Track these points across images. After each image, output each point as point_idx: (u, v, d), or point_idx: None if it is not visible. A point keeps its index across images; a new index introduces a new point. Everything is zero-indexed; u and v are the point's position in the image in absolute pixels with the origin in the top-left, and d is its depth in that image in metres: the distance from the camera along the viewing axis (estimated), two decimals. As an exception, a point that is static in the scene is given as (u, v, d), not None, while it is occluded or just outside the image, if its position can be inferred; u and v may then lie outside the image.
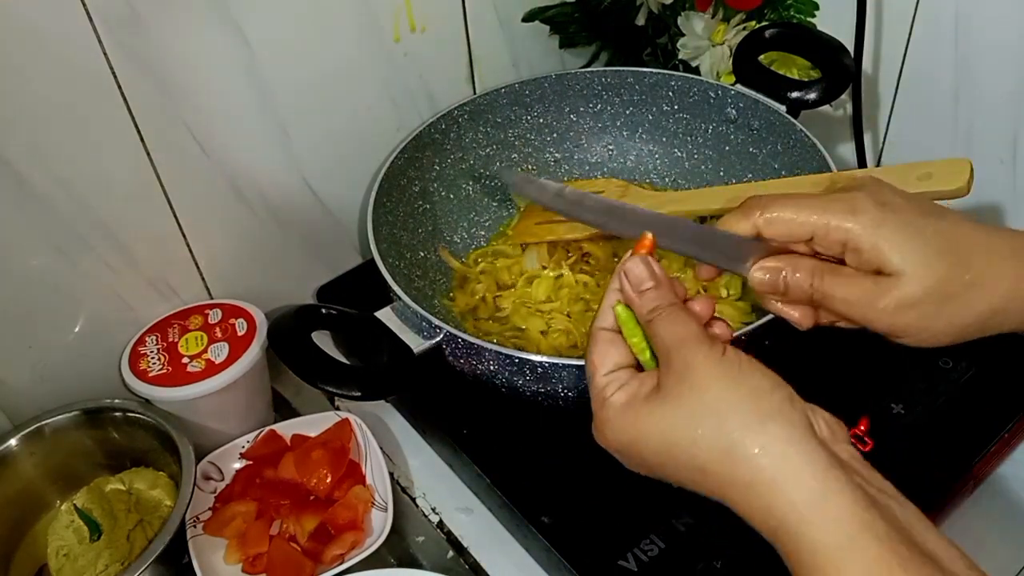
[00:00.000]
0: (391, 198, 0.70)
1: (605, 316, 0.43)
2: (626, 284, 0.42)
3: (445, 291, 0.74)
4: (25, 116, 0.55)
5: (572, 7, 0.84)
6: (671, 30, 0.82)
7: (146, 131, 0.61)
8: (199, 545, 0.58)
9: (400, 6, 0.71)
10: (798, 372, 0.41)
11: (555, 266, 0.72)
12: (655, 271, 0.42)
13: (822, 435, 0.38)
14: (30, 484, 0.62)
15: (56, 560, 0.58)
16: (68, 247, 0.61)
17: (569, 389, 0.56)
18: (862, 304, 0.44)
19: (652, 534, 0.55)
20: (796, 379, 0.39)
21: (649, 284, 0.42)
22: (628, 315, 0.42)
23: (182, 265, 0.68)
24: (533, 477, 0.59)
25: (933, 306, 0.42)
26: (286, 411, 0.73)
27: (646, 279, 0.42)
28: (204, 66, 0.62)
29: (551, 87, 0.79)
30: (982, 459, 0.59)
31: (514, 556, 0.60)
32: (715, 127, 0.77)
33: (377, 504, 0.61)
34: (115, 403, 0.62)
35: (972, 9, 0.66)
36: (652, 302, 0.41)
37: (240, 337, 0.65)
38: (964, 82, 0.70)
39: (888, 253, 0.42)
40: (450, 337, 0.56)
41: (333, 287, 0.76)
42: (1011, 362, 0.64)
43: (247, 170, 0.68)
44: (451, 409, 0.65)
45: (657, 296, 0.41)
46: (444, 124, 0.76)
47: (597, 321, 0.44)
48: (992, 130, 0.69)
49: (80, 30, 0.55)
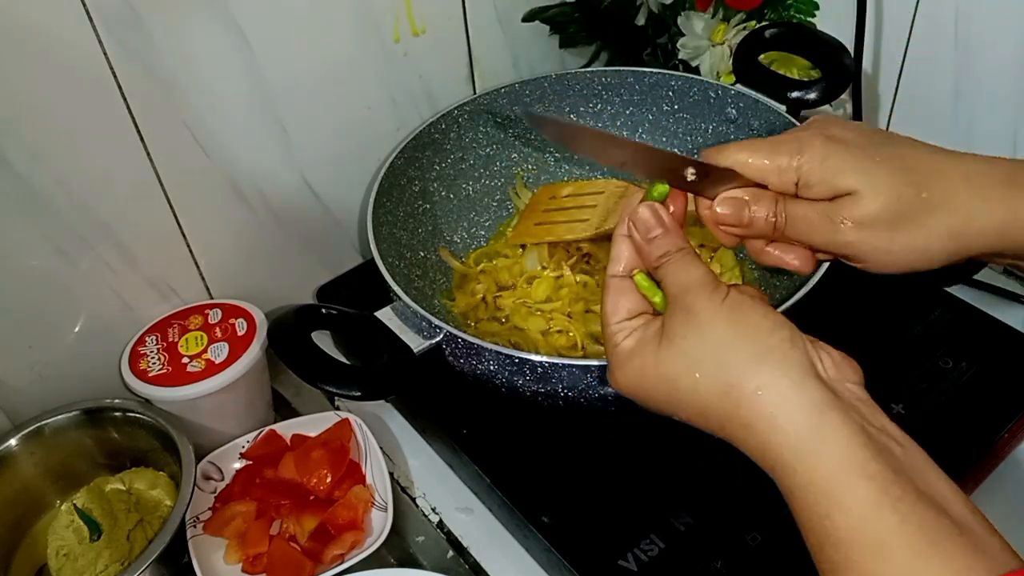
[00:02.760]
0: (391, 198, 0.70)
1: (616, 263, 0.44)
2: (634, 231, 0.44)
3: (445, 291, 0.74)
4: (25, 116, 0.55)
5: (572, 7, 0.84)
6: (671, 30, 0.82)
7: (146, 131, 0.61)
8: (199, 545, 0.58)
9: (400, 6, 0.71)
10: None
11: (555, 266, 0.72)
12: (663, 218, 0.43)
13: (826, 374, 0.38)
14: (30, 484, 0.62)
15: (56, 560, 0.58)
16: (68, 247, 0.61)
17: (569, 389, 0.56)
18: (823, 222, 0.44)
19: (652, 534, 0.55)
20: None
21: (657, 231, 0.43)
22: (641, 277, 0.44)
23: (182, 265, 0.68)
24: (533, 477, 0.59)
25: (891, 224, 0.43)
26: (286, 411, 0.73)
27: (654, 226, 0.43)
28: (204, 66, 0.62)
29: (551, 87, 0.79)
30: (982, 459, 0.59)
31: (514, 556, 0.60)
32: (715, 127, 0.77)
33: (377, 504, 0.61)
34: (115, 403, 0.62)
35: (972, 9, 0.66)
36: (660, 248, 0.43)
37: (240, 337, 0.65)
38: (964, 82, 0.70)
39: (838, 179, 0.43)
40: (450, 337, 0.56)
41: (333, 287, 0.76)
42: (1011, 362, 0.64)
43: (247, 170, 0.68)
44: (451, 409, 0.65)
45: (665, 243, 0.43)
46: (444, 124, 0.76)
47: (609, 268, 0.45)
48: (992, 130, 0.70)
49: (80, 30, 0.55)
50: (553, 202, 0.75)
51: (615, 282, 0.44)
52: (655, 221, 0.43)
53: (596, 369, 0.54)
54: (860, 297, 0.68)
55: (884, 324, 0.68)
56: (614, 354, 0.43)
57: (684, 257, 0.42)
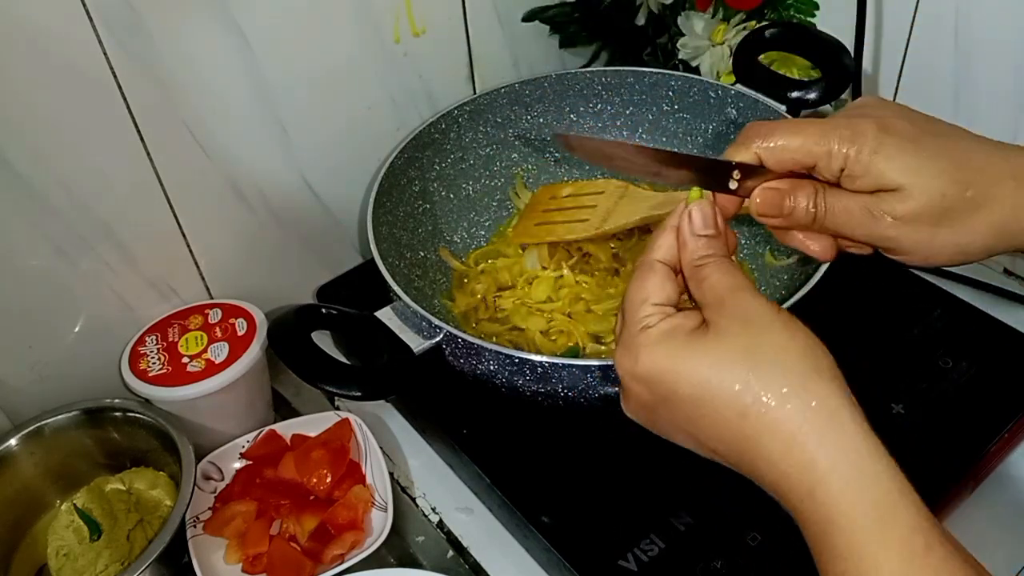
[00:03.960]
0: (391, 198, 0.70)
1: (663, 250, 0.43)
2: (685, 224, 0.43)
3: (445, 291, 0.74)
4: (26, 116, 0.55)
5: (572, 7, 0.84)
6: (671, 30, 0.82)
7: (146, 131, 0.61)
8: (199, 545, 0.58)
9: (400, 6, 0.71)
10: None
11: (555, 266, 0.72)
12: (717, 220, 0.43)
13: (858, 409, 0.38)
14: (30, 484, 0.62)
15: (56, 560, 0.58)
16: (68, 247, 0.61)
17: (569, 389, 0.56)
18: (864, 216, 0.44)
19: (652, 534, 0.55)
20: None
21: (711, 231, 0.43)
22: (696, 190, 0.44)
23: (182, 265, 0.68)
24: (533, 477, 0.59)
25: (934, 221, 0.43)
26: (286, 411, 0.73)
27: (710, 225, 0.43)
28: (204, 66, 0.62)
29: (551, 87, 0.79)
30: (982, 459, 0.59)
31: (514, 556, 0.60)
32: (715, 127, 0.77)
33: (377, 504, 0.61)
34: (115, 403, 0.62)
35: (972, 8, 0.66)
36: (708, 248, 0.42)
37: (240, 337, 0.65)
38: (964, 81, 0.70)
39: (887, 172, 0.43)
40: (450, 337, 0.56)
41: (333, 287, 0.76)
42: (1011, 362, 0.64)
43: (247, 170, 0.68)
44: (451, 409, 0.65)
45: (713, 244, 0.42)
46: (444, 124, 0.76)
47: (654, 254, 0.43)
48: (992, 129, 0.69)
49: (80, 30, 0.55)
50: (553, 202, 0.75)
51: (660, 267, 0.43)
52: (712, 220, 0.43)
53: (596, 369, 0.54)
54: (860, 297, 0.68)
55: (884, 324, 0.68)
56: (644, 333, 0.40)
57: (728, 262, 0.42)
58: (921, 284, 0.72)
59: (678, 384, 0.39)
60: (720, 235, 0.43)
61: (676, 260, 0.43)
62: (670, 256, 0.43)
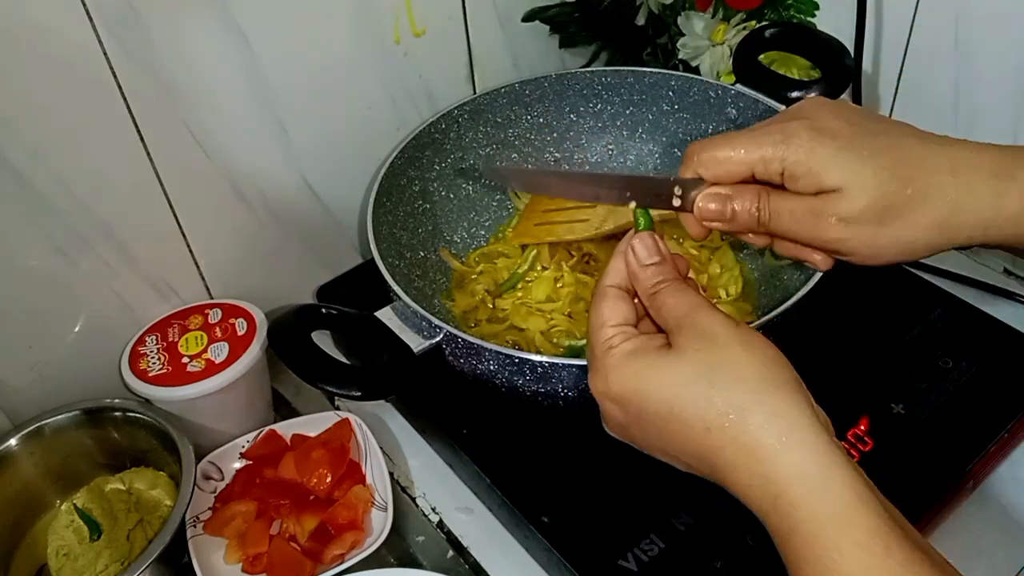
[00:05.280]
0: (391, 198, 0.70)
1: (613, 274, 0.44)
2: (631, 257, 0.44)
3: (445, 291, 0.74)
4: (25, 116, 0.55)
5: (572, 7, 0.84)
6: (671, 30, 0.82)
7: (146, 131, 0.61)
8: (199, 545, 0.58)
9: (400, 6, 0.71)
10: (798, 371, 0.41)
11: (555, 266, 0.72)
12: (660, 247, 0.44)
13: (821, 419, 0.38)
14: (30, 484, 0.62)
15: (56, 560, 0.58)
16: (68, 247, 0.61)
17: (569, 389, 0.56)
18: (809, 218, 0.45)
19: (652, 534, 0.55)
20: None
21: (656, 258, 0.44)
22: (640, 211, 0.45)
23: (182, 265, 0.68)
24: (533, 477, 0.59)
25: (877, 219, 0.44)
26: (286, 411, 0.73)
27: (654, 254, 0.44)
28: (204, 66, 0.62)
29: (551, 87, 0.79)
30: (982, 459, 0.59)
31: (514, 556, 0.60)
32: (715, 127, 0.77)
33: (377, 504, 0.61)
34: (115, 403, 0.62)
35: (972, 9, 0.66)
36: (658, 275, 0.43)
37: (240, 337, 0.65)
38: (964, 81, 0.70)
39: (823, 174, 0.43)
40: (450, 337, 0.56)
41: (333, 287, 0.76)
42: (1011, 362, 0.64)
43: (247, 170, 0.68)
44: (451, 409, 0.65)
45: (661, 271, 0.43)
46: (444, 124, 0.76)
47: (606, 279, 0.45)
48: (993, 130, 0.69)
49: (80, 30, 0.55)
50: (553, 202, 0.75)
51: (612, 291, 0.44)
52: (655, 248, 0.44)
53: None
54: (860, 297, 0.68)
55: (884, 324, 0.68)
56: (609, 355, 0.42)
57: (681, 283, 0.43)
58: (921, 284, 0.72)
59: (647, 403, 0.40)
60: (666, 260, 0.44)
61: (627, 282, 0.44)
62: (620, 279, 0.44)
